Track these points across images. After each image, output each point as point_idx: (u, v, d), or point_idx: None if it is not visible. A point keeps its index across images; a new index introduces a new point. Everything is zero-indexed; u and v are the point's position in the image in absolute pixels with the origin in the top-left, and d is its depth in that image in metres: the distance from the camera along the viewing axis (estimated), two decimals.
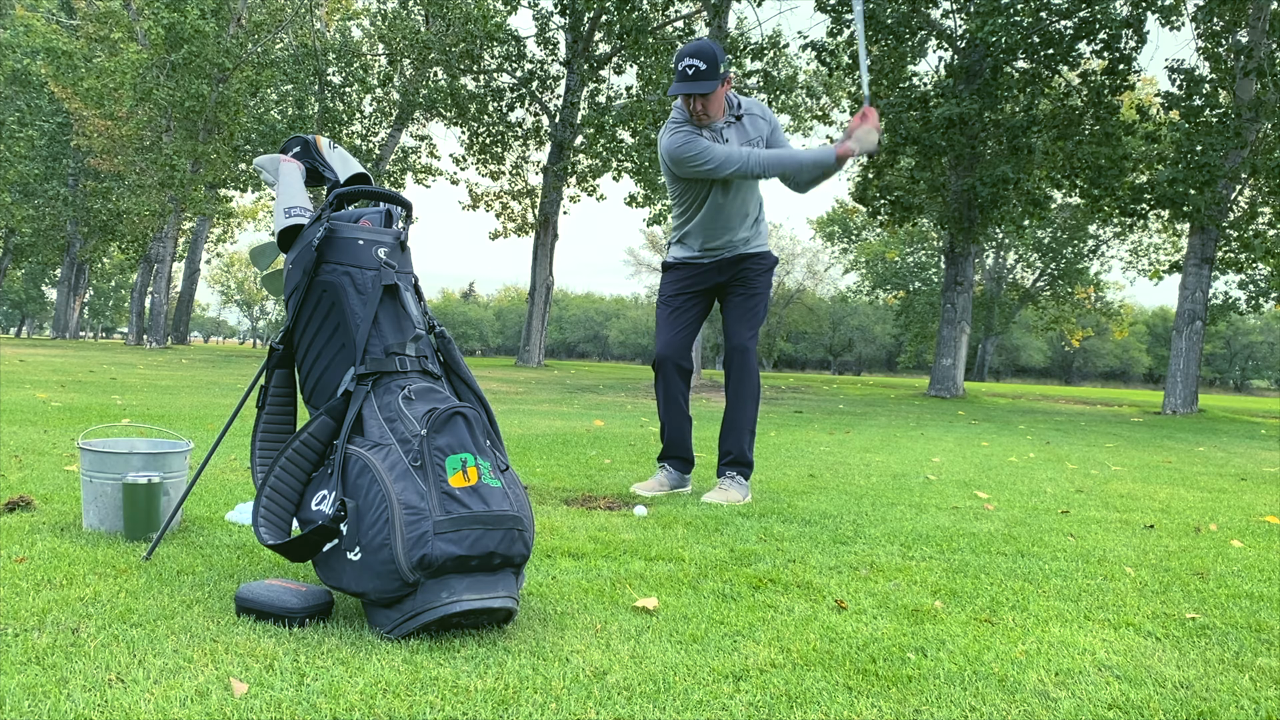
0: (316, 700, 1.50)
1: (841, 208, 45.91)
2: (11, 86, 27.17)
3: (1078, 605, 2.33)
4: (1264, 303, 24.09)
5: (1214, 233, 15.36)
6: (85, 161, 27.11)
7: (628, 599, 2.18)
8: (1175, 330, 15.74)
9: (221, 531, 2.71)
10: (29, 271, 47.50)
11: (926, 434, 8.38)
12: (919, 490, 4.36)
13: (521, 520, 1.95)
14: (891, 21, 16.73)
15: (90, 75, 22.20)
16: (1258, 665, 1.91)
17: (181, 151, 21.56)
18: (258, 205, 39.15)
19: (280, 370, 2.24)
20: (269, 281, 2.63)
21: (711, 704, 1.57)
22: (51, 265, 39.35)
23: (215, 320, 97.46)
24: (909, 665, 1.80)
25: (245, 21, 23.15)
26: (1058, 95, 17.09)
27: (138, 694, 1.49)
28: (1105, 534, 3.38)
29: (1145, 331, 70.65)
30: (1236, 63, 14.82)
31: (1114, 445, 8.08)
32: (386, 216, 2.26)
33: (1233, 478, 5.67)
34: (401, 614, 1.83)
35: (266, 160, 2.44)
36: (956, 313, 17.90)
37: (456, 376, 2.22)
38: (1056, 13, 16.24)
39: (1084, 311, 46.54)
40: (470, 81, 23.53)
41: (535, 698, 1.55)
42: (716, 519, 3.27)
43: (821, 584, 2.41)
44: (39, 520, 2.72)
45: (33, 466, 3.73)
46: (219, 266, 74.51)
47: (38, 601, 1.94)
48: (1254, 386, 78.03)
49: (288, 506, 2.03)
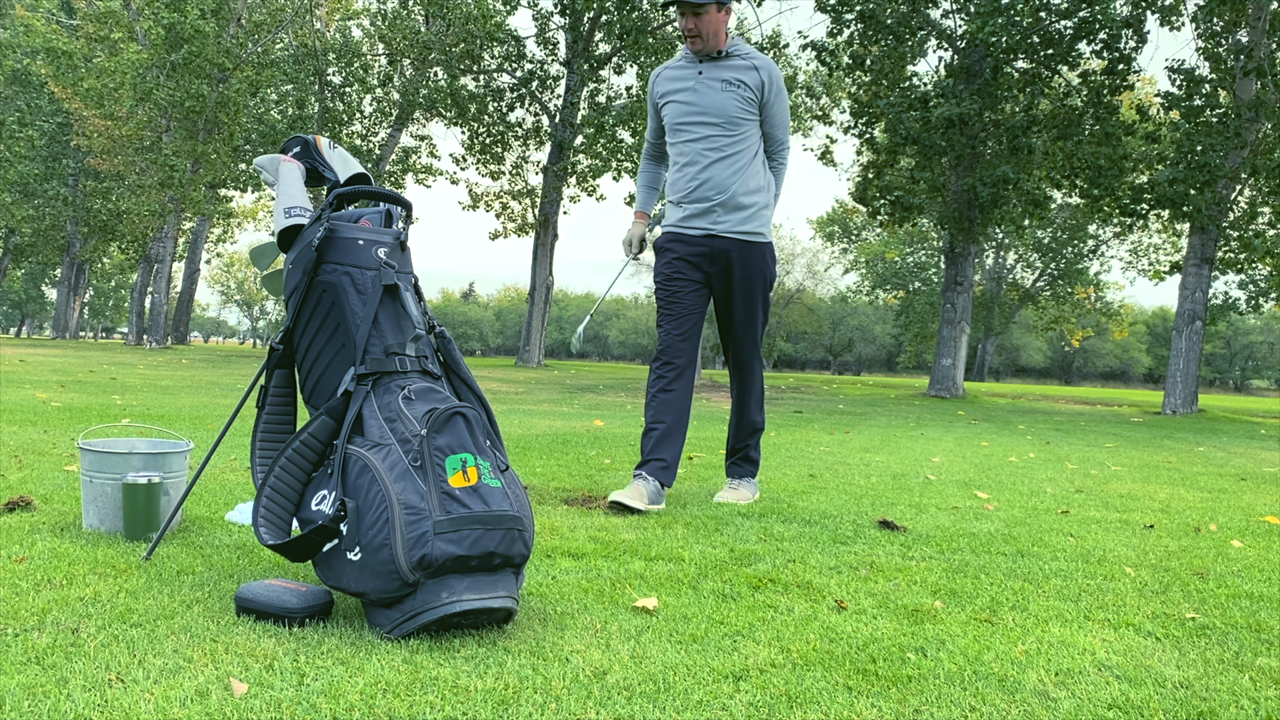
0: (316, 700, 1.50)
1: (841, 208, 45.92)
2: (11, 86, 27.18)
3: (1078, 605, 2.33)
4: (1264, 303, 24.07)
5: (1214, 233, 15.36)
6: (85, 161, 27.12)
7: (628, 599, 2.18)
8: (1175, 330, 15.75)
9: (221, 531, 2.71)
10: (29, 271, 47.51)
11: (926, 434, 8.38)
12: (919, 490, 4.36)
13: (521, 520, 1.95)
14: (891, 21, 16.74)
15: (90, 75, 22.20)
16: (1258, 665, 1.91)
17: (181, 151, 21.56)
18: (258, 205, 39.15)
19: (280, 370, 2.24)
20: (269, 281, 2.63)
21: (711, 704, 1.57)
22: (51, 265, 39.36)
23: (215, 320, 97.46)
24: (909, 665, 1.80)
25: (245, 21, 23.15)
26: (1058, 95, 17.10)
27: (138, 694, 1.49)
28: (1105, 534, 3.38)
29: (1145, 331, 70.69)
30: (1236, 63, 14.82)
31: (1114, 445, 8.08)
32: (386, 216, 2.26)
33: (1232, 478, 5.67)
34: (401, 614, 1.83)
35: (266, 160, 2.44)
36: (956, 313, 17.90)
37: (456, 376, 2.22)
38: (1056, 13, 16.24)
39: (1084, 311, 46.56)
40: (470, 81, 23.53)
41: (535, 698, 1.55)
42: (716, 519, 3.27)
43: (821, 584, 2.41)
44: (39, 520, 2.72)
45: (33, 466, 3.73)
46: (219, 266, 74.59)
47: (38, 601, 1.94)
48: (1254, 386, 78.04)
49: (288, 506, 2.03)
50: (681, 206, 3.63)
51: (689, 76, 3.58)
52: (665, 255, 3.66)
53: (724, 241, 3.58)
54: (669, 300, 3.62)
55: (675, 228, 3.65)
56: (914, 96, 17.07)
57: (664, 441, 3.53)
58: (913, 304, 46.51)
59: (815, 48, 17.90)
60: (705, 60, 3.57)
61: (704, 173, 3.55)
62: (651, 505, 3.42)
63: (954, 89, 16.73)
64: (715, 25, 3.48)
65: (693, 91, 3.56)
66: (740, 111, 3.52)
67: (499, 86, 23.59)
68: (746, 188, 3.56)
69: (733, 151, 3.53)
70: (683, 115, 3.58)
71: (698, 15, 3.46)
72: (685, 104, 3.57)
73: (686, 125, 3.58)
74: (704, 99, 3.54)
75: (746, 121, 3.54)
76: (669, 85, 3.64)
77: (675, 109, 3.60)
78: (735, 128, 3.53)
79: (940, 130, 16.26)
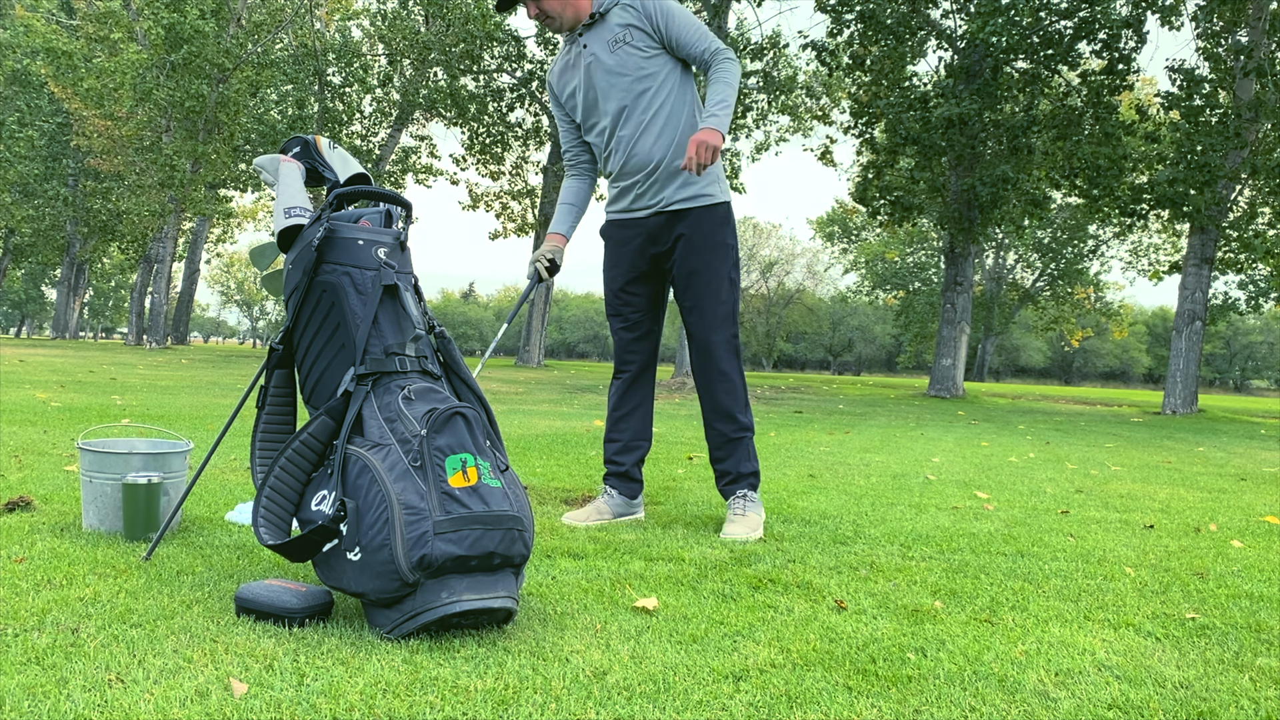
0: (316, 700, 1.50)
1: (841, 208, 45.93)
2: (11, 86, 27.18)
3: (1078, 605, 2.33)
4: (1264, 303, 24.07)
5: (1214, 233, 15.36)
6: (85, 161, 27.12)
7: (628, 599, 2.18)
8: (1175, 330, 15.75)
9: (221, 531, 2.71)
10: (29, 271, 47.51)
11: (926, 434, 8.38)
12: (919, 490, 4.36)
13: (521, 520, 1.95)
14: (891, 22, 16.74)
15: (90, 75, 22.20)
16: (1258, 665, 1.91)
17: (181, 151, 21.56)
18: (258, 205, 39.16)
19: (280, 370, 2.24)
20: (269, 281, 2.63)
21: (711, 704, 1.57)
22: (51, 265, 39.36)
23: (215, 320, 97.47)
24: (909, 665, 1.80)
25: (245, 21, 23.15)
26: (1057, 95, 17.10)
27: (138, 694, 1.49)
28: (1105, 534, 3.38)
29: (1145, 331, 70.70)
30: (1236, 63, 14.82)
31: (1114, 445, 8.08)
32: (386, 217, 2.26)
33: (1232, 478, 5.67)
34: (401, 614, 1.83)
35: (266, 160, 2.44)
36: (956, 313, 17.90)
37: (456, 377, 2.22)
38: (1056, 13, 16.25)
39: (1084, 311, 46.56)
40: (470, 81, 23.54)
41: (535, 698, 1.55)
42: (717, 519, 3.27)
43: (821, 584, 2.41)
44: (39, 520, 2.72)
45: (33, 466, 3.73)
46: (219, 266, 74.61)
47: (38, 601, 1.94)
48: (1254, 386, 78.05)
49: (288, 507, 2.03)
50: (614, 185, 3.18)
51: (575, 59, 3.12)
52: (607, 244, 3.27)
53: (665, 217, 3.10)
54: (615, 296, 3.25)
55: (616, 214, 3.22)
56: (914, 96, 17.08)
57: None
58: (913, 304, 46.52)
59: (815, 48, 17.90)
60: (583, 33, 3.09)
61: (632, 148, 3.07)
62: (621, 516, 3.23)
63: (954, 89, 16.73)
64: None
65: (587, 70, 3.09)
66: (641, 65, 3.02)
67: (499, 86, 23.61)
68: (683, 148, 3.04)
69: (653, 114, 3.04)
70: (589, 100, 3.12)
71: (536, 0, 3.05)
72: (587, 86, 3.10)
73: (596, 107, 3.11)
74: (600, 73, 3.06)
75: (656, 67, 3.04)
76: (563, 78, 3.19)
77: (579, 98, 3.14)
78: (645, 85, 3.03)
79: (940, 130, 16.26)
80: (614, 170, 3.14)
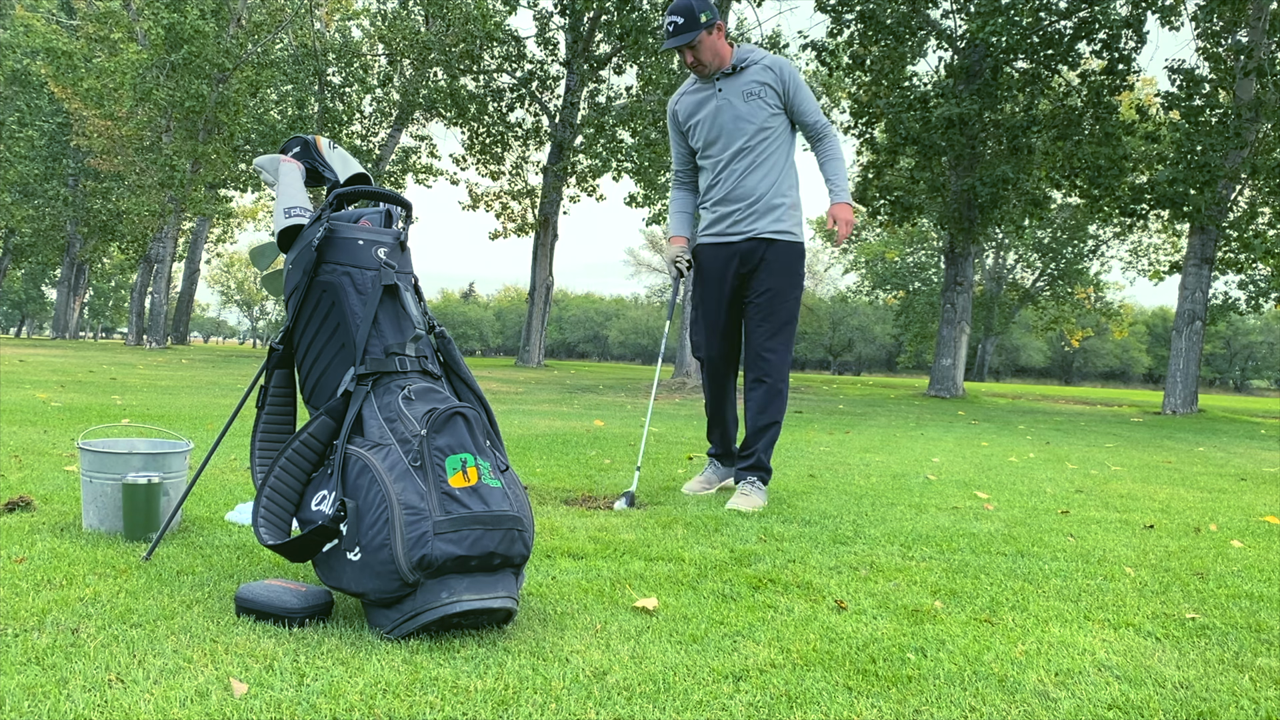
0: (316, 700, 1.50)
1: None
2: (11, 86, 27.19)
3: (1078, 605, 2.33)
4: (1264, 303, 24.06)
5: (1214, 233, 15.36)
6: (85, 161, 27.12)
7: (628, 599, 2.18)
8: (1175, 330, 15.74)
9: (221, 531, 2.71)
10: (29, 271, 47.52)
11: (926, 434, 8.38)
12: (919, 490, 4.36)
13: (521, 520, 1.95)
14: (891, 21, 16.74)
15: (90, 75, 22.20)
16: (1258, 665, 1.91)
17: (181, 151, 21.56)
18: (258, 205, 39.17)
19: (280, 370, 2.24)
20: (269, 281, 2.63)
21: (711, 704, 1.57)
22: (51, 265, 39.37)
23: (215, 320, 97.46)
24: (909, 665, 1.80)
25: (245, 22, 23.15)
26: (1057, 95, 17.10)
27: (138, 694, 1.49)
28: (1105, 534, 3.38)
29: (1145, 331, 70.67)
30: (1236, 63, 14.82)
31: (1114, 445, 8.08)
32: (386, 216, 2.26)
33: (1232, 478, 5.67)
34: (401, 614, 1.83)
35: (266, 160, 2.44)
36: (956, 313, 17.90)
37: (456, 377, 2.22)
38: (1056, 13, 16.25)
39: (1084, 311, 46.55)
40: (470, 81, 23.52)
41: (535, 698, 1.55)
42: (716, 519, 3.27)
43: (821, 584, 2.41)
44: (39, 520, 2.72)
45: (33, 466, 3.73)
46: (219, 266, 74.56)
47: (38, 601, 1.94)
48: (1254, 386, 78.04)
49: (288, 507, 2.03)
50: (714, 210, 3.78)
51: (708, 98, 3.73)
52: (697, 261, 3.86)
53: (756, 243, 3.71)
54: (701, 304, 3.83)
55: (710, 237, 3.81)
56: (914, 96, 17.07)
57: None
58: (913, 304, 46.49)
59: (815, 48, 17.89)
60: (720, 79, 3.70)
61: (742, 180, 3.69)
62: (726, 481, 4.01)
63: (954, 89, 16.73)
64: (713, 47, 3.63)
65: (717, 110, 3.70)
66: (767, 118, 3.66)
67: (499, 86, 23.58)
68: (779, 191, 3.71)
69: (765, 158, 3.69)
70: (713, 134, 3.72)
71: (693, 48, 3.62)
72: (713, 122, 3.71)
73: (718, 141, 3.72)
74: (730, 115, 3.67)
75: (775, 123, 3.68)
76: (691, 109, 3.78)
77: (703, 130, 3.74)
78: (765, 134, 3.67)
79: (940, 130, 16.26)
80: (717, 196, 3.76)
